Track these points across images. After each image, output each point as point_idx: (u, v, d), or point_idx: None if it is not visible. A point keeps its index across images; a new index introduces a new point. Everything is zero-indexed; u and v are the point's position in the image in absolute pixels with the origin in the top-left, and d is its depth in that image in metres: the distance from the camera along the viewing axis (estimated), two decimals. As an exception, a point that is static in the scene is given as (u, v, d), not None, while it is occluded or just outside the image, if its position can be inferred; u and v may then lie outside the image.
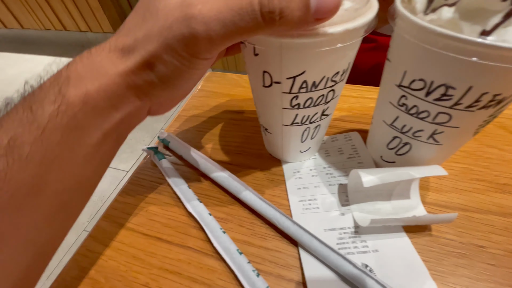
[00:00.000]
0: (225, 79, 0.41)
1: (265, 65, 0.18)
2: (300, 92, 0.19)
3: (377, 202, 0.24)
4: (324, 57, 0.17)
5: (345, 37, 0.16)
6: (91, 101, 0.14)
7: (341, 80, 0.20)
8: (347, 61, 0.19)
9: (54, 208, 0.15)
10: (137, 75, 0.15)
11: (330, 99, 0.21)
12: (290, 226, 0.22)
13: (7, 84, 1.72)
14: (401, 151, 0.23)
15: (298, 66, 0.17)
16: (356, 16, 0.16)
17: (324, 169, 0.27)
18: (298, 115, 0.21)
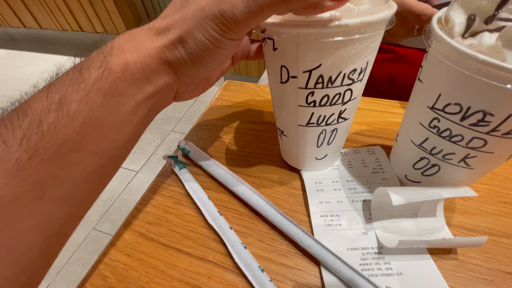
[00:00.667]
0: (243, 88, 0.41)
1: (283, 59, 0.19)
2: (316, 87, 0.19)
3: (401, 222, 0.24)
4: (339, 49, 0.17)
5: (361, 29, 0.16)
6: (129, 71, 0.16)
7: (359, 79, 0.20)
8: (365, 59, 0.19)
9: (89, 168, 0.16)
10: (170, 51, 0.17)
11: (347, 100, 0.21)
12: (313, 245, 0.21)
13: (23, 82, 1.77)
14: (429, 172, 0.22)
15: (314, 58, 0.18)
16: (368, 14, 0.16)
17: (347, 182, 0.26)
18: (314, 114, 0.22)
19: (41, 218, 0.14)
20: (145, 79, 0.17)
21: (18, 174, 0.13)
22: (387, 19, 0.17)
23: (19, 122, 0.14)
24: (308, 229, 0.24)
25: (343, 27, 0.16)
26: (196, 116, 1.40)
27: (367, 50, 0.18)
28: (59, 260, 0.90)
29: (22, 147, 0.13)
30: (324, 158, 0.26)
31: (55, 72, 0.17)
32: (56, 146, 0.14)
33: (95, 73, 0.15)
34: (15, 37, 2.31)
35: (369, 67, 0.20)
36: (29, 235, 0.14)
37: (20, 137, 0.13)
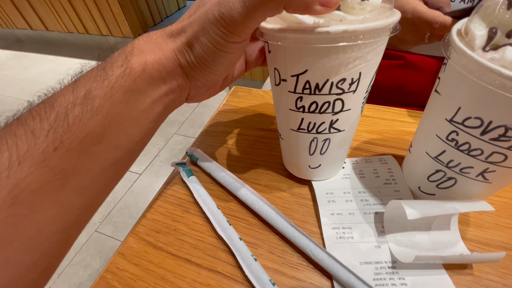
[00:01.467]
0: (251, 94, 0.41)
1: (275, 61, 0.20)
2: (304, 93, 0.19)
3: (415, 235, 0.23)
4: (323, 57, 0.17)
5: (344, 37, 0.16)
6: (148, 70, 0.17)
7: (350, 90, 0.19)
8: (355, 69, 0.18)
9: (108, 161, 0.17)
10: (181, 54, 0.18)
11: (339, 110, 0.20)
12: (325, 259, 0.21)
13: (30, 83, 1.78)
14: (444, 185, 0.22)
15: (300, 63, 0.18)
16: (365, 22, 0.16)
17: (359, 194, 0.26)
18: (304, 120, 0.21)
19: (62, 207, 0.15)
20: (161, 79, 0.18)
21: (44, 163, 0.14)
22: (377, 28, 0.16)
23: (47, 114, 0.14)
24: (319, 241, 0.23)
25: (325, 34, 0.16)
26: (200, 119, 1.40)
27: (356, 60, 0.17)
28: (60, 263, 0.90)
29: (49, 138, 0.14)
30: (318, 167, 0.26)
31: (79, 70, 0.18)
32: (80, 138, 0.15)
33: (117, 71, 0.16)
34: (22, 38, 2.33)
35: (365, 78, 0.19)
36: (49, 223, 0.15)
37: (47, 128, 0.14)
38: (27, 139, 0.14)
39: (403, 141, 0.31)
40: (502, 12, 0.16)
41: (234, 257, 0.23)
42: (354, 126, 0.24)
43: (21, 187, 0.13)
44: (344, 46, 0.16)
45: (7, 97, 1.68)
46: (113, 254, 0.24)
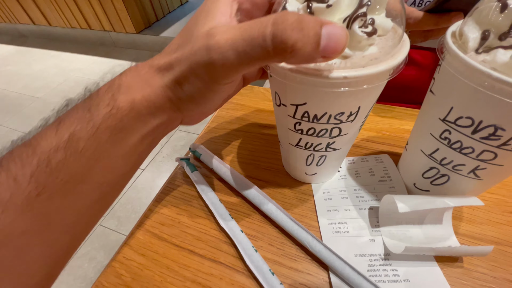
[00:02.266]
0: (253, 92, 0.42)
1: (275, 86, 0.20)
2: (302, 119, 0.20)
3: (409, 229, 0.24)
4: (323, 96, 0.17)
5: (344, 84, 0.16)
6: (136, 108, 0.16)
7: (349, 120, 0.19)
8: (354, 104, 0.18)
9: (94, 198, 0.17)
10: (172, 90, 0.17)
11: (336, 135, 0.21)
12: (322, 251, 0.22)
13: (33, 79, 1.80)
14: (438, 181, 0.23)
15: (300, 96, 0.18)
16: (368, 64, 0.16)
17: (354, 191, 0.27)
18: (302, 140, 0.22)
19: (48, 245, 0.15)
20: (150, 114, 0.17)
21: (28, 209, 0.14)
22: (382, 71, 0.15)
23: (29, 160, 0.14)
24: (317, 234, 0.24)
25: (325, 79, 0.15)
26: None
27: (355, 100, 0.18)
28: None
29: (32, 184, 0.14)
30: (314, 175, 0.27)
31: (64, 104, 0.17)
32: (64, 181, 0.15)
33: (103, 111, 0.15)
34: (25, 33, 2.34)
35: (364, 110, 0.19)
36: (37, 261, 0.15)
37: (29, 174, 0.14)
38: (9, 186, 0.14)
39: (401, 139, 0.32)
40: (496, 15, 0.16)
41: (236, 249, 0.24)
42: (351, 143, 0.24)
43: (5, 233, 0.13)
44: (344, 91, 0.16)
45: (11, 92, 1.69)
46: (117, 247, 0.25)
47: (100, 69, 1.83)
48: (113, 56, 1.95)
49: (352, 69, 0.15)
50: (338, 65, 0.15)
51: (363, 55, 0.16)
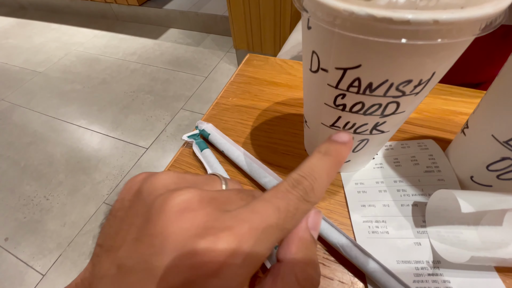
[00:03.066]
0: (268, 63, 0.37)
1: (315, 43, 0.15)
2: (349, 90, 0.15)
3: (462, 231, 0.20)
4: (388, 54, 0.12)
5: (431, 33, 0.10)
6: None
7: (413, 92, 0.14)
8: (428, 69, 0.13)
9: None
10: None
11: (390, 113, 0.16)
12: (359, 256, 0.18)
13: (33, 52, 1.74)
14: (509, 175, 0.18)
15: (353, 56, 0.13)
16: (468, 4, 0.10)
17: (394, 183, 0.22)
18: (341, 119, 0.17)
19: None
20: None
21: None
22: (483, 19, 0.11)
23: None
24: (349, 233, 0.20)
25: (402, 24, 0.10)
26: (207, 94, 1.35)
27: (433, 61, 0.12)
28: (71, 231, 0.92)
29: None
30: (347, 163, 0.22)
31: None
32: None
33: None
34: (24, 5, 2.24)
35: (436, 78, 0.14)
36: None
37: None
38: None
39: (446, 122, 0.27)
40: None
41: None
42: (400, 124, 0.19)
43: None
44: (424, 45, 0.11)
45: (13, 66, 1.64)
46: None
47: (101, 43, 1.75)
48: (115, 30, 1.87)
49: (446, 10, 0.10)
50: (423, 4, 0.10)
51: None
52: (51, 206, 0.98)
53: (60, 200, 0.99)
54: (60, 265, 0.86)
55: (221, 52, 1.60)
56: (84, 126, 1.24)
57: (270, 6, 1.10)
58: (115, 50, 1.68)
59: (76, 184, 1.03)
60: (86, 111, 1.31)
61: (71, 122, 1.27)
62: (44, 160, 1.12)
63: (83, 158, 1.11)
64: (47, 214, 0.96)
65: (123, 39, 1.78)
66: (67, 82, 1.49)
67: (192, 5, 1.71)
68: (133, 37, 1.78)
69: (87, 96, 1.39)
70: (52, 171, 1.08)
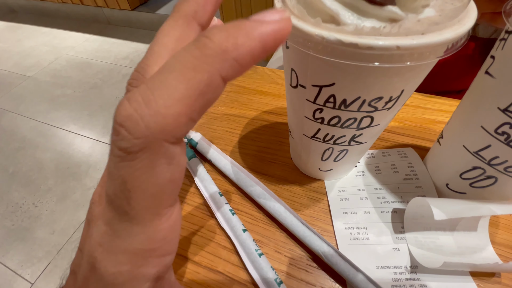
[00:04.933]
0: (256, 73, 0.37)
1: (293, 62, 0.15)
2: (325, 106, 0.15)
3: (438, 237, 0.21)
4: (362, 74, 0.13)
5: (395, 57, 0.11)
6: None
7: (385, 108, 0.15)
8: (398, 87, 0.14)
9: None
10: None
11: (365, 126, 0.17)
12: (340, 263, 0.18)
13: (24, 56, 1.71)
14: (480, 184, 0.19)
15: (326, 75, 0.14)
16: (429, 31, 0.11)
17: (375, 190, 0.23)
18: (321, 131, 0.18)
19: None
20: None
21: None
22: (443, 42, 0.11)
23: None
24: (332, 240, 0.21)
25: (369, 50, 0.11)
26: (200, 99, 1.35)
27: (401, 80, 0.13)
28: (60, 239, 0.90)
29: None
30: (329, 171, 0.23)
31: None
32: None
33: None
34: (14, 8, 2.21)
35: (406, 95, 0.15)
36: None
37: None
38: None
39: (425, 131, 0.28)
40: None
41: (238, 255, 0.20)
42: (378, 136, 0.20)
43: None
44: (390, 67, 0.12)
45: (1, 70, 1.61)
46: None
47: (92, 47, 1.74)
48: (107, 34, 1.86)
49: (407, 36, 0.11)
50: (387, 31, 0.11)
51: (418, 19, 0.12)
52: (40, 213, 0.96)
53: (49, 207, 0.98)
54: (49, 273, 0.85)
55: (214, 57, 1.61)
56: (74, 131, 1.23)
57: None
58: (106, 54, 1.67)
59: (66, 191, 1.02)
60: (76, 116, 1.30)
61: (61, 127, 1.25)
62: (33, 166, 1.10)
63: (73, 164, 1.10)
64: (36, 222, 0.94)
65: (115, 43, 1.77)
66: (57, 86, 1.47)
67: (185, 10, 1.72)
68: (125, 42, 1.77)
69: (78, 101, 1.38)
70: (41, 177, 1.06)
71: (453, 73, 0.41)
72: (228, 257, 0.21)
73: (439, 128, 0.28)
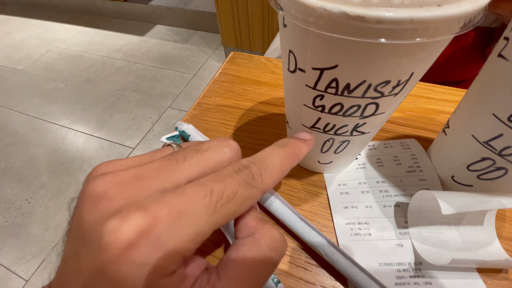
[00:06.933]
0: (252, 62, 0.36)
1: (291, 42, 0.14)
2: (327, 91, 0.14)
3: (443, 231, 0.20)
4: (365, 54, 0.11)
5: (407, 32, 0.10)
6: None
7: (392, 93, 0.14)
8: (406, 70, 0.12)
9: None
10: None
11: (369, 114, 0.15)
12: (341, 260, 0.17)
13: (14, 49, 1.67)
14: (489, 175, 0.18)
15: (329, 56, 0.12)
16: (445, 2, 0.10)
17: (377, 183, 0.22)
18: (321, 120, 0.17)
19: None
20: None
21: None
22: (461, 15, 0.10)
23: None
24: (332, 237, 0.20)
25: (377, 23, 0.10)
26: (195, 93, 1.33)
27: (411, 61, 0.12)
28: (54, 235, 0.89)
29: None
30: (329, 163, 0.22)
31: None
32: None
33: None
34: (4, 0, 2.14)
35: (417, 78, 0.14)
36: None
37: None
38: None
39: (428, 121, 0.27)
40: None
41: (231, 253, 0.19)
42: (381, 125, 0.19)
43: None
44: (401, 45, 0.11)
45: (-10, 64, 1.57)
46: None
47: (84, 40, 1.70)
48: (99, 26, 1.81)
49: (422, 7, 0.10)
50: (399, 1, 0.10)
51: None
52: (34, 209, 0.95)
53: (43, 203, 0.96)
54: (44, 269, 0.84)
55: (209, 50, 1.58)
56: (67, 126, 1.20)
57: (258, 2, 1.08)
58: (99, 47, 1.63)
59: (60, 186, 1.00)
60: (69, 110, 1.27)
61: (54, 122, 1.22)
62: (26, 161, 1.08)
63: (67, 159, 1.08)
64: (30, 218, 0.93)
65: (108, 35, 1.72)
66: (49, 80, 1.43)
67: (179, 1, 1.68)
68: (118, 34, 1.73)
69: (70, 95, 1.34)
70: (34, 173, 1.04)
71: (452, 63, 0.40)
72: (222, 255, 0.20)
73: (442, 119, 0.27)
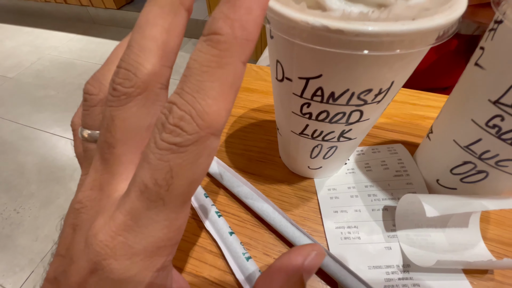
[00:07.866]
0: (244, 70, 0.36)
1: (278, 53, 0.15)
2: (313, 99, 0.15)
3: (430, 234, 0.20)
4: (347, 65, 0.12)
5: (384, 44, 0.11)
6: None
7: (375, 101, 0.14)
8: (387, 78, 0.13)
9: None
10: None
11: (354, 121, 0.16)
12: (330, 264, 0.18)
13: (5, 57, 1.65)
14: (471, 179, 0.19)
15: (313, 66, 0.13)
16: (419, 16, 0.11)
17: (365, 188, 0.23)
18: (309, 127, 0.17)
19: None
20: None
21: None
22: (434, 28, 0.11)
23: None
24: (323, 241, 0.20)
25: (358, 36, 0.10)
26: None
27: (390, 71, 0.13)
28: (43, 246, 0.87)
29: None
30: (319, 169, 0.22)
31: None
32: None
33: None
34: (-7, 7, 2.13)
35: (398, 87, 0.14)
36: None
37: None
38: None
39: (414, 126, 0.28)
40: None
41: (224, 260, 0.19)
42: (367, 131, 0.19)
43: None
44: (380, 55, 0.11)
45: (-20, 71, 1.55)
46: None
47: (77, 47, 1.69)
48: (92, 34, 1.81)
49: (397, 22, 0.10)
50: (375, 16, 0.10)
51: (407, 4, 0.11)
52: (22, 220, 0.92)
53: (32, 213, 0.94)
54: (32, 282, 0.81)
55: (203, 57, 1.59)
56: (58, 134, 1.18)
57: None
58: (92, 54, 1.63)
59: (49, 196, 0.98)
60: (60, 118, 1.25)
61: (44, 130, 1.20)
62: (14, 170, 1.06)
63: (57, 168, 1.06)
64: (18, 229, 0.90)
65: (101, 43, 1.72)
66: (40, 88, 1.42)
67: (173, 10, 1.69)
68: (112, 41, 1.73)
69: (62, 103, 1.33)
70: (23, 182, 1.02)
71: (437, 70, 0.41)
72: (214, 262, 0.20)
73: (427, 124, 0.28)
